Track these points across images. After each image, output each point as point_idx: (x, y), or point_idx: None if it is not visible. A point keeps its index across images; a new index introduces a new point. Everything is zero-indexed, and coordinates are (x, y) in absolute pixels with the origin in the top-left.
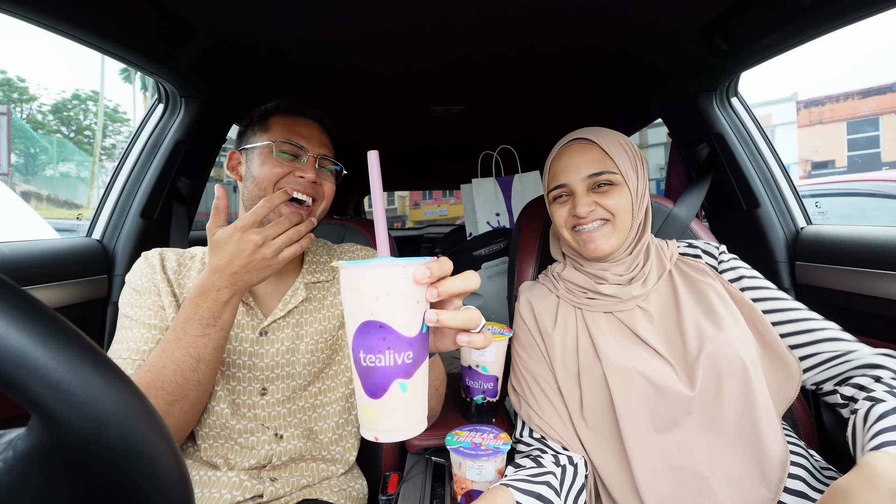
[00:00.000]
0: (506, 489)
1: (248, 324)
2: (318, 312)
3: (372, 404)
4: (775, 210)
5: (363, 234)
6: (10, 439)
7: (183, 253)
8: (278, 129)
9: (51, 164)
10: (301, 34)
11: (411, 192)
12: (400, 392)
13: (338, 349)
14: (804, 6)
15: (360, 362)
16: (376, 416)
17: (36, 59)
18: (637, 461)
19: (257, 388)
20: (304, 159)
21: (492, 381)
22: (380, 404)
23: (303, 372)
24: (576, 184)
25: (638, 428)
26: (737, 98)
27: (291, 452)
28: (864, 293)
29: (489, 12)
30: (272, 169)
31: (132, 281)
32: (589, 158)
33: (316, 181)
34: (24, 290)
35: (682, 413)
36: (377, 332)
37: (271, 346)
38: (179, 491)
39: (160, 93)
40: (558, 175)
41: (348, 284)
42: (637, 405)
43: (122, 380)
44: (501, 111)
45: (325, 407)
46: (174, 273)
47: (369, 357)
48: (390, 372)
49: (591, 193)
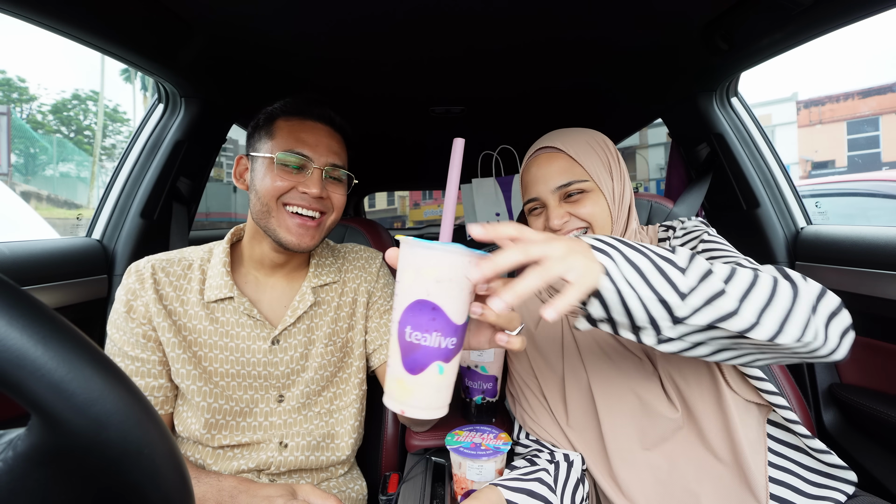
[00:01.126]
0: (494, 488)
1: (259, 335)
2: (328, 315)
3: (407, 379)
4: (775, 210)
5: (363, 234)
6: (10, 439)
7: (180, 260)
8: (283, 137)
9: (51, 164)
10: (301, 34)
11: (411, 192)
12: (437, 374)
13: (348, 352)
14: (804, 6)
15: (405, 336)
16: (408, 391)
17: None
18: (623, 477)
19: (274, 395)
20: (310, 172)
21: (491, 382)
22: (415, 381)
23: (315, 377)
24: (546, 196)
25: (623, 445)
26: (737, 98)
27: (292, 465)
28: (864, 293)
29: (489, 13)
30: (274, 183)
31: (119, 297)
32: (556, 168)
33: (322, 195)
34: (24, 291)
35: (671, 429)
36: (429, 312)
37: (284, 354)
38: (179, 490)
39: (160, 93)
40: (528, 188)
41: (410, 262)
42: (624, 422)
43: (121, 380)
44: (501, 111)
45: (340, 412)
46: (170, 287)
47: (415, 334)
48: (432, 353)
49: (563, 204)
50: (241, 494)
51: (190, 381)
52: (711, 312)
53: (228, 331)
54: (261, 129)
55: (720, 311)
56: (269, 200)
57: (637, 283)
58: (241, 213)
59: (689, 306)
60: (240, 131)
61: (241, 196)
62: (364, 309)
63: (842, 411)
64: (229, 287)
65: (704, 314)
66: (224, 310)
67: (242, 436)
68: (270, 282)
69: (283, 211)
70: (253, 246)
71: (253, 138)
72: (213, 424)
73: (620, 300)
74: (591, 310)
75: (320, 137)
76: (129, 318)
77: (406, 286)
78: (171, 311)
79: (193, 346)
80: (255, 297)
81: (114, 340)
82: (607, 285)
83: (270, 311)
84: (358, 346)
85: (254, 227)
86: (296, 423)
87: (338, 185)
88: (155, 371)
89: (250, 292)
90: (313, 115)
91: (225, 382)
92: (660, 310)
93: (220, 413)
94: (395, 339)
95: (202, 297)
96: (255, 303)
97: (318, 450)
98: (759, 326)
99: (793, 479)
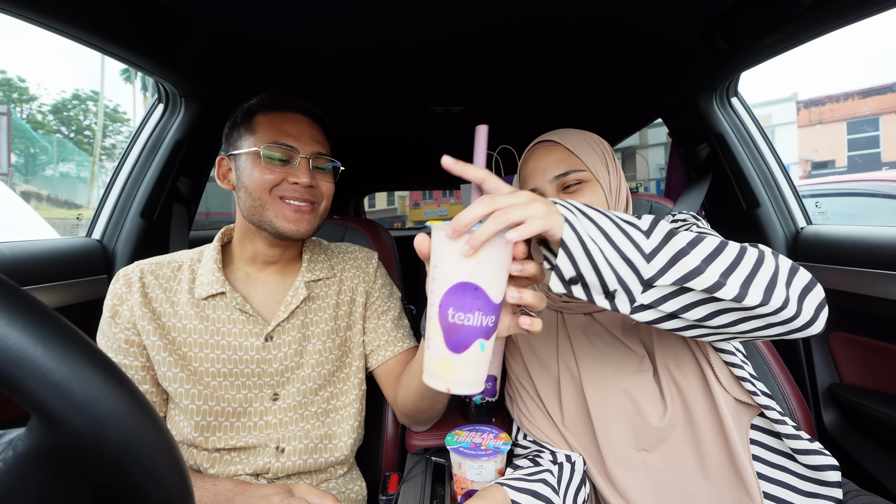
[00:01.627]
0: (500, 488)
1: (252, 331)
2: (324, 312)
3: (452, 358)
4: (775, 210)
5: (363, 233)
6: (10, 439)
7: (169, 262)
8: (264, 130)
9: (51, 164)
10: (301, 34)
11: (411, 192)
12: (479, 351)
13: (347, 351)
14: (804, 6)
15: (448, 318)
16: (454, 369)
17: (36, 59)
18: (620, 478)
19: (269, 393)
20: (297, 161)
21: (490, 381)
22: (461, 359)
23: (312, 374)
24: (544, 186)
25: (617, 445)
26: (737, 98)
27: (290, 469)
28: (864, 293)
29: (489, 14)
30: (263, 175)
31: (106, 303)
32: (554, 159)
33: (312, 184)
34: (24, 291)
35: (666, 430)
36: (472, 293)
37: (278, 351)
38: (179, 490)
39: (160, 93)
40: (527, 180)
41: (450, 246)
42: (618, 424)
43: (121, 380)
44: (501, 111)
45: (338, 411)
46: (160, 289)
47: (458, 315)
48: (475, 331)
49: (562, 195)
50: (238, 497)
51: (178, 385)
52: (676, 271)
53: (220, 328)
54: (239, 126)
55: (684, 269)
56: (260, 193)
57: (600, 240)
58: None
59: (655, 266)
60: None
61: None
62: (362, 309)
63: (842, 411)
64: (221, 283)
65: (670, 274)
66: (215, 306)
67: (238, 438)
68: (262, 277)
69: (277, 201)
70: (244, 245)
71: (232, 137)
72: (206, 427)
73: (586, 253)
74: (559, 262)
75: (302, 128)
76: (113, 323)
77: (447, 270)
78: (161, 312)
79: (183, 346)
80: (247, 292)
81: (99, 347)
82: (570, 234)
83: (263, 307)
84: (357, 346)
85: (244, 225)
86: (291, 423)
87: (325, 175)
88: (138, 377)
89: (242, 288)
90: (292, 106)
91: (217, 382)
92: (626, 270)
93: (212, 414)
94: (436, 322)
95: (192, 295)
96: (247, 298)
97: (316, 452)
98: (724, 287)
99: (788, 476)
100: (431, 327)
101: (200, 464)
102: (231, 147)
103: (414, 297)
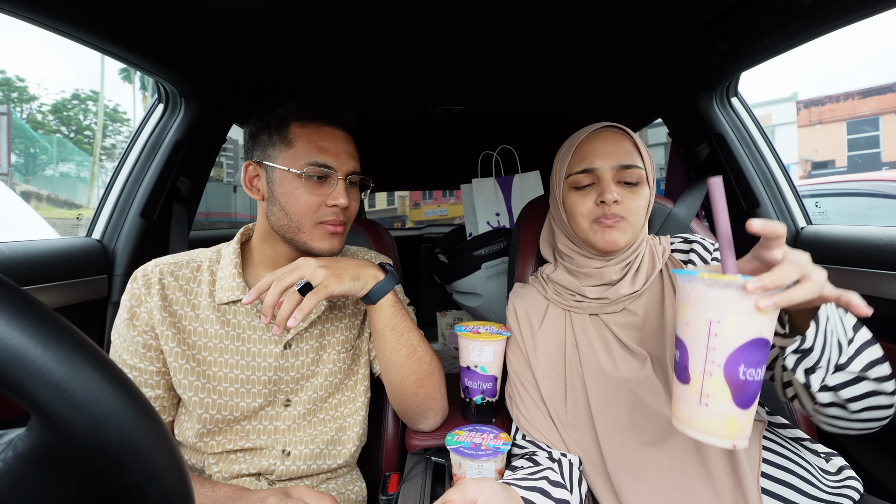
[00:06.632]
0: (510, 487)
1: (271, 339)
2: (340, 322)
3: (740, 415)
4: (775, 210)
5: (363, 234)
6: (10, 439)
7: (188, 262)
8: (303, 146)
9: (51, 164)
10: (301, 33)
11: (411, 192)
12: (757, 400)
13: (356, 358)
14: (804, 6)
15: (739, 376)
16: (740, 426)
17: (36, 59)
18: (618, 480)
19: (281, 399)
20: (335, 183)
21: (490, 381)
22: (747, 414)
23: (324, 383)
24: (605, 170)
25: (618, 447)
26: (737, 98)
27: (293, 473)
28: (864, 293)
29: (489, 14)
30: (305, 199)
31: (123, 303)
32: (624, 149)
33: (347, 206)
34: (24, 291)
35: (668, 432)
36: (763, 349)
37: (296, 359)
38: (179, 490)
39: (160, 93)
40: (586, 158)
41: (745, 301)
42: (619, 424)
43: (121, 380)
44: (502, 111)
45: (345, 419)
46: (180, 291)
47: (750, 371)
48: (760, 384)
49: (616, 186)
50: (237, 502)
51: (192, 392)
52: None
53: (240, 334)
54: (272, 132)
55: (871, 357)
56: (300, 217)
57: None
58: (240, 213)
59: (849, 352)
60: (240, 131)
61: (241, 196)
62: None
63: None
64: (241, 289)
65: (860, 360)
66: (236, 312)
67: (246, 440)
68: None
69: (315, 226)
70: (265, 248)
71: (261, 141)
72: (206, 433)
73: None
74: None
75: (340, 145)
76: (131, 325)
77: (737, 329)
78: (182, 315)
79: (203, 350)
80: None
81: (115, 346)
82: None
83: None
84: (364, 353)
85: (268, 230)
86: (300, 429)
87: (356, 191)
88: (152, 382)
89: None
90: (331, 118)
91: (234, 389)
92: (835, 349)
93: (213, 422)
94: (722, 379)
95: (213, 299)
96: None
97: (321, 458)
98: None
99: (794, 478)
100: (713, 386)
101: (205, 461)
102: (261, 154)
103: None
